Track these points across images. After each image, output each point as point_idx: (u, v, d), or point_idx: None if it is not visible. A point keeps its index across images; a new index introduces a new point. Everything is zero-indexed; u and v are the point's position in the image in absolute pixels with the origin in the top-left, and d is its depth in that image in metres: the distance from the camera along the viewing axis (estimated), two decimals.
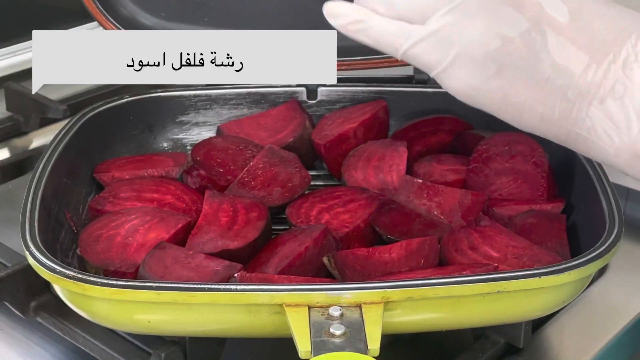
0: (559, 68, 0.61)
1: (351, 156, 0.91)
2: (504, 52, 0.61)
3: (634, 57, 0.60)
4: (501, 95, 0.62)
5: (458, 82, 0.63)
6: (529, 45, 0.61)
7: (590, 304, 0.83)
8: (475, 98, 0.63)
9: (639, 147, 0.61)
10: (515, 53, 0.61)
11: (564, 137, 0.63)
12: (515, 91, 0.62)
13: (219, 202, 0.82)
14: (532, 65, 0.61)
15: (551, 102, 0.62)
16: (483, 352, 0.74)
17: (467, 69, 0.62)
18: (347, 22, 0.65)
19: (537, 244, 0.76)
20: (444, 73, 0.63)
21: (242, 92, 0.97)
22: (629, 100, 0.60)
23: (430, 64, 0.63)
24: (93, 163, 0.89)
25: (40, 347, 0.78)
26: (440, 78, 0.64)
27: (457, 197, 0.83)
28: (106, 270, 0.75)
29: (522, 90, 0.62)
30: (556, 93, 0.61)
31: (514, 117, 0.63)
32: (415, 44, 0.63)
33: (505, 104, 0.63)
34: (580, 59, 0.61)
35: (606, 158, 0.63)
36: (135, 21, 0.98)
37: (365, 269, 0.75)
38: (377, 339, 0.61)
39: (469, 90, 0.63)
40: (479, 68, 0.62)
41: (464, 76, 0.62)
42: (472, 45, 0.61)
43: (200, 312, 0.66)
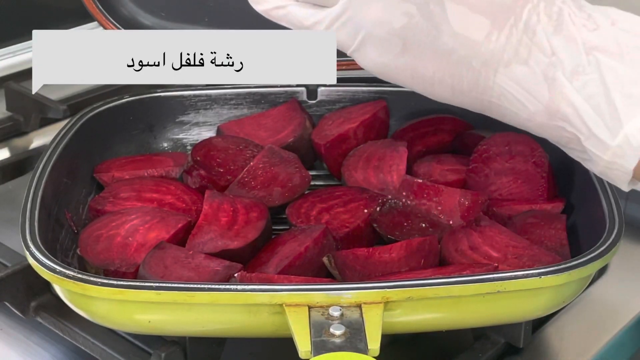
0: (460, 38, 0.61)
1: (351, 156, 0.91)
2: (406, 29, 0.62)
3: (536, 18, 0.60)
4: (410, 71, 0.63)
5: (369, 60, 0.65)
6: (429, 18, 0.61)
7: (590, 304, 0.83)
8: (387, 74, 0.65)
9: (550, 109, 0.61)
10: (417, 28, 0.62)
11: (479, 106, 0.64)
12: (422, 65, 0.63)
13: (219, 202, 0.82)
14: (434, 38, 0.62)
15: (458, 73, 0.62)
16: (483, 352, 0.74)
17: (376, 48, 0.64)
18: (269, 7, 0.69)
19: (537, 244, 0.77)
20: (357, 52, 0.65)
21: (242, 92, 0.97)
22: (534, 63, 0.60)
23: (344, 44, 0.66)
24: (93, 163, 0.89)
25: (40, 347, 0.78)
26: (354, 57, 0.66)
27: (457, 197, 0.83)
28: (106, 270, 0.75)
29: (429, 64, 0.62)
30: (461, 63, 0.62)
31: (426, 90, 0.65)
32: (328, 26, 0.66)
33: (416, 78, 0.64)
34: (482, 26, 0.61)
35: (520, 123, 0.63)
36: (135, 21, 0.98)
37: (365, 269, 0.75)
38: (377, 339, 0.61)
39: (380, 67, 0.65)
40: (386, 46, 0.63)
41: (374, 55, 0.64)
42: (375, 25, 0.63)
43: (200, 312, 0.66)
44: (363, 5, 0.63)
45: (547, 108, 0.61)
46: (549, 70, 0.60)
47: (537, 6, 0.60)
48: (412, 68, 0.63)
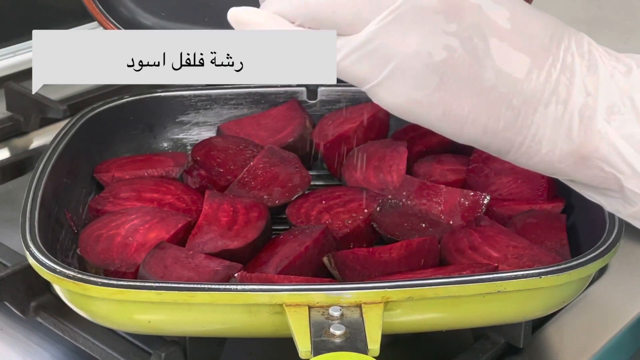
0: (502, 74, 0.58)
1: (351, 156, 0.91)
2: (446, 63, 0.57)
3: (571, 58, 0.59)
4: (442, 109, 0.58)
5: (395, 96, 0.58)
6: (472, 53, 0.57)
7: (590, 304, 0.83)
8: (412, 113, 0.59)
9: (587, 149, 0.59)
10: (458, 62, 0.57)
11: (507, 148, 0.60)
12: (457, 103, 0.58)
13: (219, 202, 0.82)
14: (475, 74, 0.58)
15: (496, 111, 0.59)
16: (483, 352, 0.74)
17: (406, 83, 0.58)
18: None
19: (537, 244, 0.77)
20: (378, 87, 0.58)
21: (242, 92, 0.98)
22: (572, 103, 0.59)
23: (363, 77, 0.58)
24: (93, 163, 0.89)
25: (40, 347, 0.78)
26: (373, 92, 0.59)
27: (457, 197, 0.83)
28: (106, 270, 0.75)
29: (465, 102, 0.58)
30: (501, 101, 0.58)
31: (454, 131, 0.60)
32: (345, 57, 0.58)
33: (447, 117, 0.59)
34: (523, 64, 0.58)
35: (549, 166, 0.61)
36: (135, 21, 0.98)
37: (365, 269, 0.75)
38: (377, 339, 0.61)
39: (407, 105, 0.59)
40: (420, 81, 0.57)
41: (402, 90, 0.58)
42: (411, 58, 0.57)
43: (200, 312, 0.66)
44: (397, 35, 0.57)
45: (582, 148, 0.59)
46: (585, 110, 0.59)
47: (570, 46, 0.59)
48: (444, 106, 0.58)
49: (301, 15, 0.59)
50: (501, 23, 0.58)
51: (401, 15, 0.56)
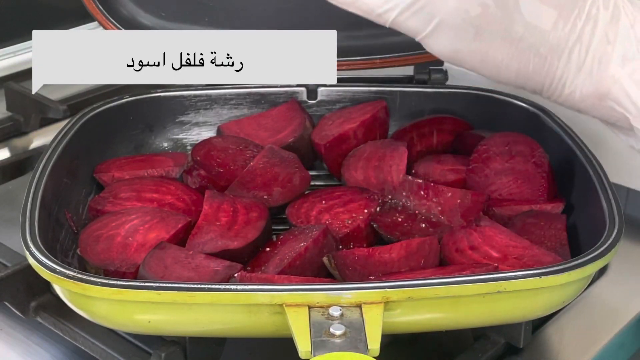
0: (530, 27, 0.67)
1: (351, 156, 0.91)
2: (481, 17, 0.66)
3: (595, 10, 0.67)
4: (480, 56, 0.68)
5: (441, 46, 0.69)
6: (503, 8, 0.66)
7: (590, 304, 0.83)
8: (457, 60, 0.69)
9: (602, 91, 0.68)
10: (491, 17, 0.67)
11: (539, 89, 0.70)
12: (492, 51, 0.68)
13: (219, 202, 0.82)
14: (506, 27, 0.67)
15: (525, 58, 0.68)
16: (483, 352, 0.74)
17: (449, 35, 0.68)
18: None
19: (537, 244, 0.76)
20: (428, 38, 0.68)
21: (242, 92, 0.97)
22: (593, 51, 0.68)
23: (415, 30, 0.68)
24: (93, 163, 0.89)
25: (40, 347, 0.78)
26: (424, 42, 0.69)
27: (457, 197, 0.83)
28: (106, 270, 0.75)
29: (499, 50, 0.68)
30: (529, 50, 0.68)
31: (492, 74, 0.70)
32: (400, 13, 0.68)
33: (484, 63, 0.69)
34: (550, 16, 0.67)
35: (573, 104, 0.70)
36: (135, 21, 0.98)
37: (365, 269, 0.75)
38: (377, 339, 0.61)
39: (451, 53, 0.69)
40: (459, 34, 0.67)
41: (446, 41, 0.68)
42: (451, 14, 0.67)
43: (200, 312, 0.66)
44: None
45: (599, 90, 0.68)
46: (604, 57, 0.68)
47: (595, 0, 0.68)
48: (482, 53, 0.68)
49: None
50: None
51: None
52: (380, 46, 0.98)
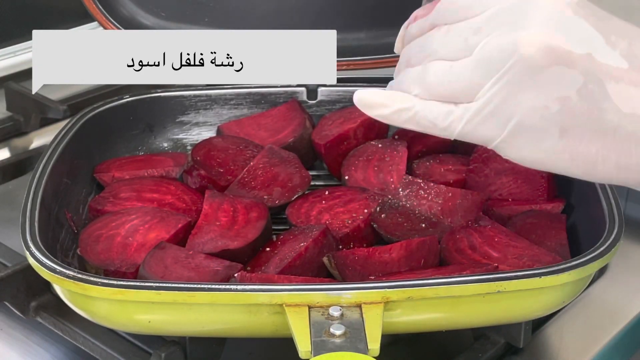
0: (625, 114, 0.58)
1: (351, 156, 0.91)
2: (563, 112, 0.58)
3: None
4: (569, 154, 0.60)
5: (521, 150, 0.61)
6: (588, 99, 0.58)
7: (590, 304, 0.83)
8: (542, 162, 0.61)
9: None
10: (576, 110, 0.58)
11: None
12: (584, 147, 0.59)
13: (219, 202, 0.82)
14: (596, 118, 0.58)
15: (626, 149, 0.59)
16: (483, 352, 0.74)
17: (529, 137, 0.60)
18: (389, 112, 0.63)
19: (537, 244, 0.76)
20: (504, 143, 0.61)
21: (242, 92, 0.97)
22: None
23: (488, 137, 0.61)
24: (93, 163, 0.89)
25: (40, 347, 0.78)
26: (500, 148, 0.61)
27: (457, 197, 0.83)
28: (106, 270, 0.75)
29: (591, 144, 0.59)
30: (629, 138, 0.59)
31: (587, 171, 0.61)
32: (468, 122, 0.61)
33: (575, 161, 0.60)
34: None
35: None
36: (135, 21, 0.98)
37: (365, 269, 0.75)
38: (377, 339, 0.61)
39: (534, 155, 0.61)
40: (541, 133, 0.59)
41: (526, 144, 0.60)
42: (529, 114, 0.59)
43: (200, 312, 0.66)
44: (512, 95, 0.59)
45: None
46: None
47: None
48: (570, 151, 0.59)
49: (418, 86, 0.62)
50: (616, 64, 0.58)
51: (513, 75, 0.58)
52: (380, 46, 0.98)
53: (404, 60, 0.65)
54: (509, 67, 0.58)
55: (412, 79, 0.62)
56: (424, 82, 0.62)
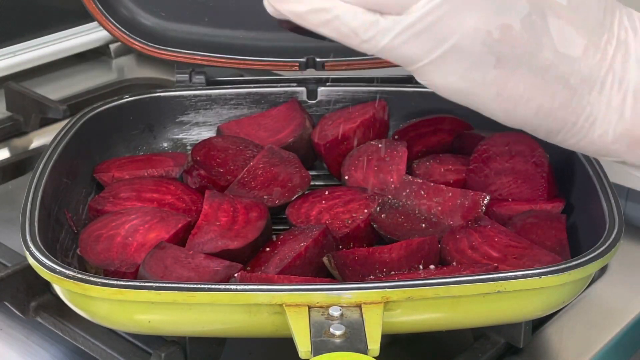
0: (560, 53, 0.56)
1: (351, 156, 0.91)
2: (504, 41, 0.55)
3: (624, 34, 0.57)
4: (497, 88, 0.56)
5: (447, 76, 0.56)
6: (530, 31, 0.55)
7: (590, 304, 0.83)
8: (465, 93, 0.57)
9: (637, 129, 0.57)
10: (516, 40, 0.55)
11: (558, 129, 0.58)
12: (513, 82, 0.56)
13: (219, 202, 0.82)
14: (533, 53, 0.55)
15: (551, 90, 0.56)
16: (483, 352, 0.74)
17: (462, 62, 0.55)
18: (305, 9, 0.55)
19: (537, 244, 0.76)
20: (430, 66, 0.56)
21: (242, 92, 0.97)
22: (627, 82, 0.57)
23: (413, 56, 0.56)
24: (93, 163, 0.89)
25: (40, 347, 0.78)
26: (423, 71, 0.56)
27: (457, 197, 0.83)
28: (106, 270, 0.75)
29: (521, 81, 0.56)
30: (558, 80, 0.56)
31: (506, 112, 0.57)
32: (396, 37, 0.55)
33: (500, 97, 0.56)
34: (579, 42, 0.56)
35: (603, 147, 0.59)
36: (135, 21, 0.98)
37: (365, 269, 0.75)
38: (377, 339, 0.61)
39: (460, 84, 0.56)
40: (477, 60, 0.55)
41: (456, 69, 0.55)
42: (469, 36, 0.54)
43: (200, 312, 0.66)
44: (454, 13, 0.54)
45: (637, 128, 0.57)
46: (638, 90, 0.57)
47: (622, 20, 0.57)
48: (499, 85, 0.56)
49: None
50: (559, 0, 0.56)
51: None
52: None
53: None
54: None
55: None
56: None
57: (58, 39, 1.21)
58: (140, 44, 0.96)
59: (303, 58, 0.96)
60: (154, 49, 0.96)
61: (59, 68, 1.22)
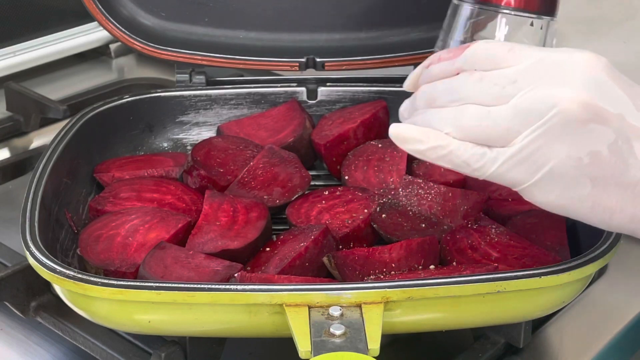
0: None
1: (351, 156, 0.91)
2: (594, 165, 0.62)
3: None
4: (591, 202, 0.64)
5: (548, 195, 0.64)
6: (617, 155, 0.62)
7: (590, 304, 0.83)
8: (564, 208, 0.65)
9: None
10: (605, 163, 0.63)
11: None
12: (605, 197, 0.63)
13: (219, 202, 0.82)
14: (621, 172, 0.63)
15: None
16: (483, 352, 0.74)
17: (558, 184, 0.63)
18: (425, 148, 0.65)
19: (537, 244, 0.77)
20: (533, 187, 0.64)
21: (242, 92, 0.97)
22: None
23: (518, 180, 0.64)
24: (93, 163, 0.89)
25: (40, 347, 0.78)
26: (527, 192, 0.65)
27: (457, 197, 0.83)
28: (106, 270, 0.75)
29: (612, 196, 0.63)
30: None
31: (603, 220, 0.65)
32: (502, 164, 0.64)
33: (595, 209, 0.64)
34: None
35: None
36: (136, 21, 0.98)
37: (365, 269, 0.75)
38: (377, 339, 0.61)
39: (559, 201, 0.64)
40: (571, 182, 0.63)
41: (554, 190, 0.64)
42: (563, 162, 0.62)
43: (200, 312, 0.66)
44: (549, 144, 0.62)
45: None
46: None
47: None
48: (593, 200, 0.64)
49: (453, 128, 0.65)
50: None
51: (551, 127, 0.62)
52: (380, 46, 0.98)
53: (424, 98, 0.67)
54: (548, 118, 0.62)
55: (445, 119, 0.65)
56: (459, 123, 0.64)
57: (58, 39, 1.21)
58: (140, 44, 0.96)
59: (303, 58, 0.96)
60: (154, 49, 0.96)
61: (59, 68, 1.22)
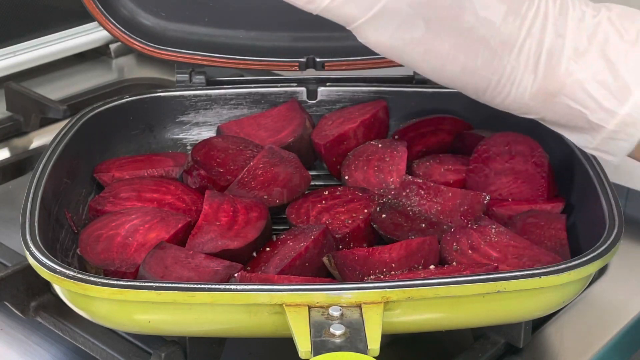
0: (481, 17, 0.63)
1: (351, 156, 0.91)
2: (428, 4, 0.62)
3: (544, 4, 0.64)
4: (424, 47, 0.63)
5: (380, 36, 0.63)
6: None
7: (590, 304, 0.83)
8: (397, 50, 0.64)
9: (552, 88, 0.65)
10: (440, 5, 0.62)
11: (484, 88, 0.66)
12: (439, 42, 0.63)
13: (219, 202, 0.82)
14: (456, 16, 0.63)
15: (474, 50, 0.64)
16: (483, 352, 0.74)
17: (391, 21, 0.63)
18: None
19: (537, 244, 0.77)
20: (365, 25, 0.63)
21: (242, 92, 0.97)
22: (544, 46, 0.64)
23: (351, 16, 0.63)
24: (93, 163, 0.89)
25: (40, 347, 0.78)
26: (360, 30, 0.64)
27: (457, 197, 0.83)
28: (106, 270, 0.75)
29: (446, 41, 0.63)
30: (479, 42, 0.64)
31: (435, 69, 0.65)
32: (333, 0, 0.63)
33: (428, 55, 0.64)
34: (500, 8, 0.63)
35: (522, 104, 0.66)
36: (135, 21, 0.98)
37: (365, 269, 0.75)
38: (377, 339, 0.61)
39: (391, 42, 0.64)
40: (404, 20, 0.62)
41: (387, 28, 0.63)
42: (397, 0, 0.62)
43: (200, 312, 0.66)
44: None
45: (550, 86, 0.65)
46: (555, 51, 0.64)
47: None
48: (427, 44, 0.63)
49: None
50: None
51: None
52: None
53: None
54: None
55: None
56: None
57: (58, 39, 1.21)
58: (140, 44, 0.96)
59: (303, 58, 0.96)
60: (154, 49, 0.96)
61: (59, 68, 1.22)
